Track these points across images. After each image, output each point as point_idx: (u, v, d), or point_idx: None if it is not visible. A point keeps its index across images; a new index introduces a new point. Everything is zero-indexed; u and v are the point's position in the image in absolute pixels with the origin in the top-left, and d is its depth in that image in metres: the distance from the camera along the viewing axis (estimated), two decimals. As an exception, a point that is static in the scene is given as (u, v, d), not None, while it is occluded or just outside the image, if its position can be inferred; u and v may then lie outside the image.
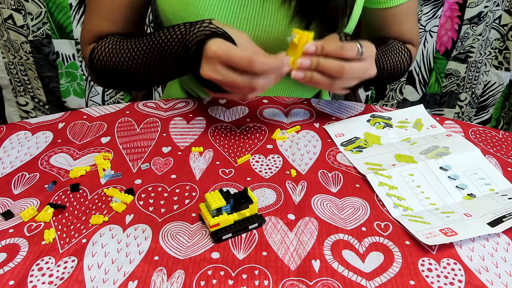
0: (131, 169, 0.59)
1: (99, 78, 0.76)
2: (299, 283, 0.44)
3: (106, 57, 0.71)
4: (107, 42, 0.72)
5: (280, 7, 0.70)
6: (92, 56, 0.74)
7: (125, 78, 0.72)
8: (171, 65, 0.66)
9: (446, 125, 0.70)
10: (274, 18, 0.71)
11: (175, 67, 0.66)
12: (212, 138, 0.65)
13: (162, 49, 0.64)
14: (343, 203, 0.54)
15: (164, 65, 0.66)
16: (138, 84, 0.73)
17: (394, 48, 0.78)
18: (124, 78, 0.72)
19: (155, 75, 0.69)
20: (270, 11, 0.71)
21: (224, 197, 0.48)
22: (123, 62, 0.69)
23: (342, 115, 0.73)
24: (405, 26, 0.82)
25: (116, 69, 0.71)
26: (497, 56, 1.67)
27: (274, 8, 0.71)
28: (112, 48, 0.71)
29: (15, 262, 0.45)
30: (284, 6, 0.70)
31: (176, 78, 0.70)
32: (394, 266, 0.46)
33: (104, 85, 0.78)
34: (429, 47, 1.65)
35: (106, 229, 0.49)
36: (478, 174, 0.59)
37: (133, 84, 0.73)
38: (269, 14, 0.71)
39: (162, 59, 0.65)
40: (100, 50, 0.72)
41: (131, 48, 0.68)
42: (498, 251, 0.48)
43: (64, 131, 0.66)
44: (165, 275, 0.44)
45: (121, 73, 0.71)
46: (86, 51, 0.77)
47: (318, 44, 0.60)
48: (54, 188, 0.55)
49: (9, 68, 1.60)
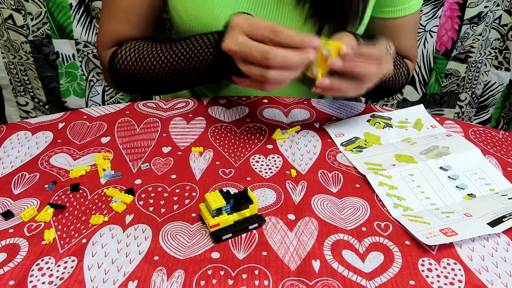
0: (131, 169, 0.59)
1: (119, 83, 0.75)
2: (299, 283, 0.44)
3: (131, 62, 0.70)
4: (131, 47, 0.71)
5: (294, 9, 0.70)
6: (113, 60, 0.73)
7: (150, 84, 0.71)
8: (202, 70, 0.65)
9: (446, 125, 0.70)
10: (287, 20, 0.71)
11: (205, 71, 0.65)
12: (212, 138, 0.65)
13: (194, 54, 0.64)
14: (343, 203, 0.54)
15: (195, 70, 0.66)
16: (162, 89, 0.72)
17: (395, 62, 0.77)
18: (149, 84, 0.71)
19: (183, 81, 0.68)
20: (284, 13, 0.71)
21: (224, 197, 0.48)
22: (150, 68, 0.69)
23: (342, 115, 0.73)
24: (405, 40, 0.82)
25: (141, 75, 0.70)
26: (497, 56, 1.67)
27: (287, 10, 0.71)
28: (139, 54, 0.70)
29: (15, 262, 0.45)
30: (297, 8, 0.70)
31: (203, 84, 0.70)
32: (394, 266, 0.46)
33: (123, 89, 0.78)
34: (429, 47, 1.64)
35: (106, 229, 0.49)
36: (478, 174, 0.59)
37: (157, 90, 0.73)
38: (283, 16, 0.71)
39: (194, 64, 0.65)
40: (125, 55, 0.71)
41: (160, 53, 0.68)
42: (498, 251, 0.48)
43: (64, 131, 0.66)
44: (165, 275, 0.44)
45: (146, 79, 0.70)
46: (105, 55, 0.75)
47: (355, 47, 0.57)
48: (54, 188, 0.55)
49: (9, 68, 1.60)
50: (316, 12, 0.70)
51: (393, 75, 0.77)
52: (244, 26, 0.56)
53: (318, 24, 0.71)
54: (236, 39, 0.56)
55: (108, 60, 0.74)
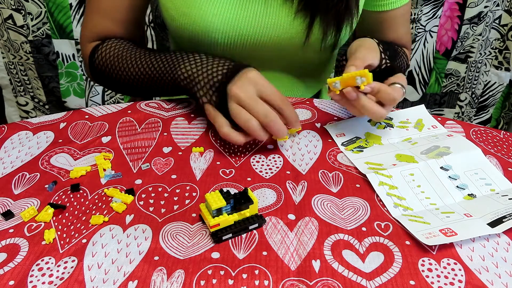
0: (132, 169, 0.59)
1: (96, 77, 0.77)
2: (299, 283, 0.44)
3: (108, 61, 0.72)
4: (112, 46, 0.73)
5: (283, 4, 0.71)
6: (93, 55, 0.74)
7: (122, 86, 0.73)
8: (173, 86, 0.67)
9: (447, 125, 0.70)
10: (277, 15, 0.71)
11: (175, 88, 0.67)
12: (213, 139, 0.65)
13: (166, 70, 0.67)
14: (344, 203, 0.54)
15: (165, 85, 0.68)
16: (133, 93, 0.75)
17: (400, 55, 0.79)
18: (122, 85, 0.73)
19: (152, 91, 0.71)
20: (273, 7, 0.71)
21: (224, 198, 0.48)
22: (126, 71, 0.71)
23: (343, 115, 0.73)
24: (400, 30, 0.83)
25: (116, 75, 0.72)
26: (497, 56, 1.67)
27: (277, 5, 0.71)
28: (117, 55, 0.72)
29: (15, 262, 0.45)
30: (287, 3, 0.70)
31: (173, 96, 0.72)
32: (394, 266, 0.46)
33: (99, 83, 0.80)
34: (429, 47, 1.64)
35: (106, 229, 0.49)
36: (478, 174, 0.59)
37: (129, 92, 0.75)
38: (272, 11, 0.71)
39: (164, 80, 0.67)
40: (104, 53, 0.73)
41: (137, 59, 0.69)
42: (498, 251, 0.48)
43: (65, 131, 0.66)
44: (165, 275, 0.44)
45: (119, 80, 0.73)
46: (87, 48, 0.77)
47: (375, 88, 0.61)
48: (54, 188, 0.55)
49: (9, 68, 1.60)
50: (306, 6, 0.70)
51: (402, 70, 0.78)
52: (259, 82, 0.59)
53: (309, 19, 0.71)
54: (247, 90, 0.59)
55: (89, 54, 0.76)
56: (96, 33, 0.76)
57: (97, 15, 0.75)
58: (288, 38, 0.73)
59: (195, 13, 0.69)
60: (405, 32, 0.85)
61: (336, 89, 0.61)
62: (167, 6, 0.72)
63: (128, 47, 0.72)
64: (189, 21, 0.70)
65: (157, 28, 1.55)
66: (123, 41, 0.74)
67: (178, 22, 0.71)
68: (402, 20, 0.82)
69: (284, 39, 0.73)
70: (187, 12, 0.70)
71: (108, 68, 0.72)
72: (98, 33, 0.76)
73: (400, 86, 0.63)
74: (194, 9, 0.69)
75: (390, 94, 0.61)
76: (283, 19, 0.71)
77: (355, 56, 0.64)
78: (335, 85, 0.61)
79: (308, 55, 0.77)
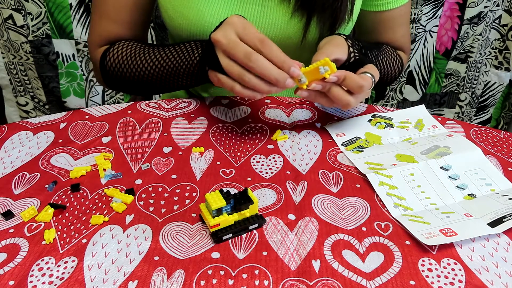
0: (132, 169, 0.59)
1: (108, 82, 0.76)
2: (299, 283, 0.44)
3: (122, 62, 0.72)
4: (123, 47, 0.73)
5: (280, 4, 0.71)
6: (104, 59, 0.74)
7: (137, 84, 0.73)
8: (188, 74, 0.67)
9: (447, 125, 0.70)
10: (274, 15, 0.71)
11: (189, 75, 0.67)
12: (213, 139, 0.65)
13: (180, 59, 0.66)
14: (344, 203, 0.54)
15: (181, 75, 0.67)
16: (150, 90, 0.74)
17: (386, 54, 0.78)
18: (137, 84, 0.73)
19: (168, 84, 0.70)
20: (270, 7, 0.71)
21: (225, 198, 0.48)
22: (138, 69, 0.70)
23: (343, 115, 0.73)
24: (398, 31, 0.82)
25: (130, 74, 0.71)
26: (497, 56, 1.67)
27: (273, 5, 0.71)
28: (129, 55, 0.71)
29: (15, 262, 0.45)
30: (283, 3, 0.70)
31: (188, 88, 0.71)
32: (394, 266, 0.46)
33: (113, 88, 0.79)
34: (429, 47, 1.64)
35: (106, 229, 0.49)
36: (479, 174, 0.59)
37: (146, 91, 0.74)
38: (269, 11, 0.71)
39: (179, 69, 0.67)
40: (116, 54, 0.72)
41: (149, 56, 0.69)
42: (498, 251, 0.48)
43: (65, 131, 0.66)
44: (165, 275, 0.44)
45: (134, 79, 0.72)
46: (97, 53, 0.77)
47: (341, 76, 0.59)
48: (54, 188, 0.55)
49: (9, 68, 1.60)
50: (302, 5, 0.70)
51: (386, 69, 0.77)
52: (238, 26, 0.57)
53: (305, 18, 0.71)
54: (226, 34, 0.57)
55: (99, 59, 0.75)
56: (104, 37, 0.76)
57: (104, 19, 0.75)
58: (286, 38, 0.73)
59: (192, 14, 0.69)
60: (403, 34, 0.83)
61: (303, 83, 0.59)
62: (165, 6, 0.72)
63: (138, 45, 0.72)
64: (186, 21, 0.70)
65: (157, 28, 1.55)
66: (133, 42, 0.74)
67: (176, 22, 0.72)
68: (400, 21, 0.82)
69: (282, 38, 0.73)
70: (185, 13, 0.70)
71: (122, 69, 0.72)
72: (106, 37, 0.76)
73: (370, 75, 0.62)
74: (191, 10, 0.69)
75: (357, 81, 0.59)
76: (280, 19, 0.71)
77: (321, 51, 0.63)
78: (301, 81, 0.59)
79: (305, 55, 0.77)
